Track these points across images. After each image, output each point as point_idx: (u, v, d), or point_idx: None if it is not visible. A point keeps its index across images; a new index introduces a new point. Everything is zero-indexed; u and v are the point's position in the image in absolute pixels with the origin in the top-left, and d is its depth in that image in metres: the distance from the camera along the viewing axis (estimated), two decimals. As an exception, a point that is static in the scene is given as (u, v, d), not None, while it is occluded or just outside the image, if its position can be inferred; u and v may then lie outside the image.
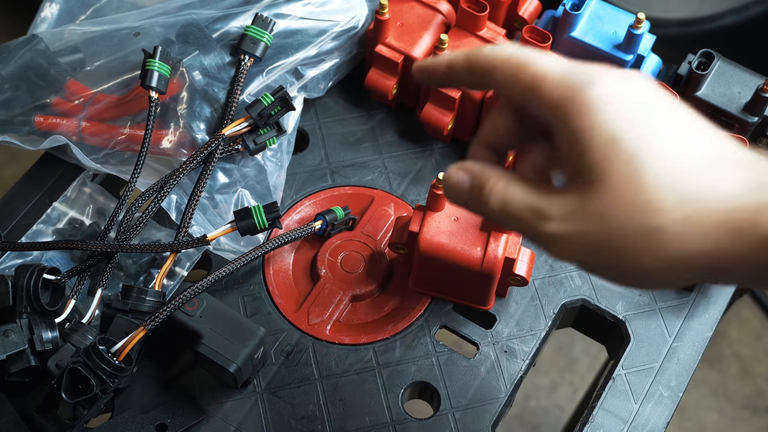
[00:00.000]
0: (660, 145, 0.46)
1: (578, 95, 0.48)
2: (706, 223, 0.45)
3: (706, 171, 0.46)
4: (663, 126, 0.47)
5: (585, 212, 0.48)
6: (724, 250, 0.46)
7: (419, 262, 0.74)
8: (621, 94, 0.48)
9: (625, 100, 0.47)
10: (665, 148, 0.46)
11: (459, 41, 0.84)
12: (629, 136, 0.46)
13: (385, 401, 0.74)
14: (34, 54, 0.81)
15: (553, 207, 0.49)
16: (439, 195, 0.72)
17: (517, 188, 0.51)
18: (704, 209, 0.45)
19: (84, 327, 0.71)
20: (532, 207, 0.50)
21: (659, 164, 0.46)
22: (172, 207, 0.78)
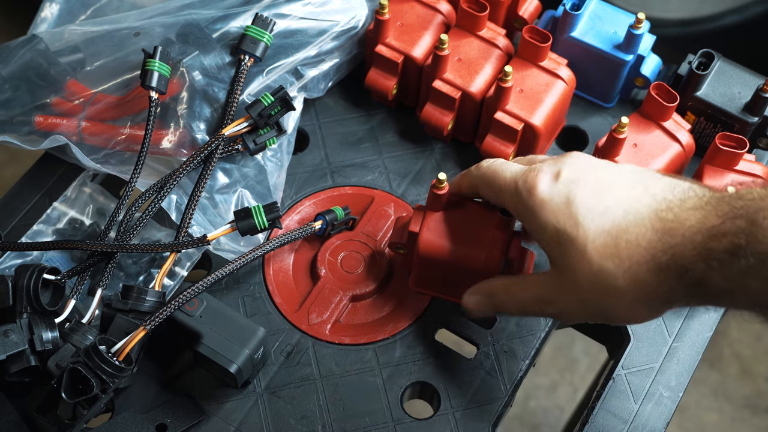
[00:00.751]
0: (588, 226, 0.60)
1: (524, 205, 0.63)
2: (640, 273, 0.58)
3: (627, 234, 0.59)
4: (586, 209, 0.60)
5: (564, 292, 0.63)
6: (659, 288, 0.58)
7: (419, 262, 0.74)
8: (552, 196, 0.62)
9: (556, 199, 0.62)
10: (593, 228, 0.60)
11: (459, 41, 0.84)
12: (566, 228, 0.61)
13: (385, 401, 0.74)
14: (34, 54, 0.81)
15: (545, 295, 0.64)
16: (439, 195, 0.72)
17: (519, 289, 0.67)
18: (635, 264, 0.58)
19: (84, 327, 0.71)
20: (535, 301, 0.66)
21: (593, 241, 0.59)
22: (172, 207, 0.78)
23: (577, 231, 0.60)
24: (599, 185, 0.62)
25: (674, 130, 0.79)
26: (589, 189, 0.61)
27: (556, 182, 0.62)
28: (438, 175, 0.71)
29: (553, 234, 0.61)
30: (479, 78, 0.82)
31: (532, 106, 0.80)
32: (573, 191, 0.61)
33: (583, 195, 0.61)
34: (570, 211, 0.61)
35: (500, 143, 0.81)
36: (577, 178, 0.62)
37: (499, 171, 0.66)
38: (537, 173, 0.63)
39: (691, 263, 0.56)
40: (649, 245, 0.58)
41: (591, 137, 0.88)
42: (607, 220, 0.60)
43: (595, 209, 0.60)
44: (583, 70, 0.85)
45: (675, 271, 0.57)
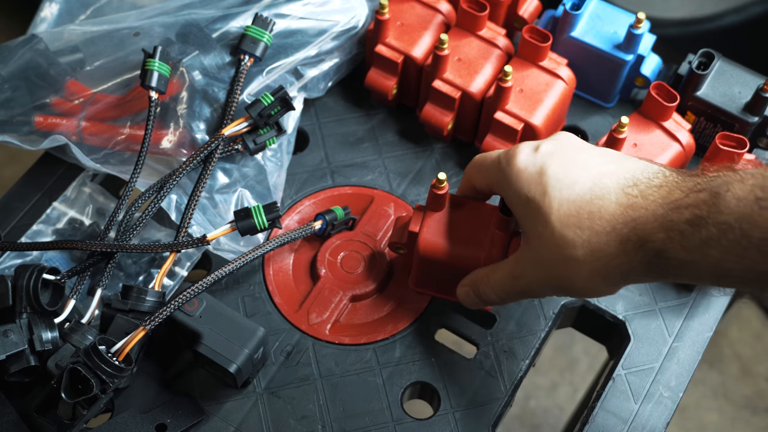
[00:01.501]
0: (555, 195, 0.62)
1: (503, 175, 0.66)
2: (598, 244, 0.60)
3: (591, 205, 0.61)
4: (555, 179, 0.63)
5: (530, 262, 0.65)
6: (617, 259, 0.60)
7: (419, 262, 0.74)
8: (528, 165, 0.64)
9: (530, 169, 0.64)
10: (559, 197, 0.62)
11: (459, 41, 0.84)
12: (535, 195, 0.63)
13: (385, 401, 0.74)
14: (34, 54, 0.81)
15: (516, 269, 0.67)
16: (439, 195, 0.72)
17: (496, 273, 0.69)
18: (595, 234, 0.60)
19: (84, 327, 0.71)
20: (509, 277, 0.67)
21: (557, 210, 0.62)
22: (172, 207, 0.78)
23: (544, 199, 0.62)
24: (574, 160, 0.64)
25: (674, 129, 0.79)
26: (562, 162, 0.63)
27: (534, 153, 0.65)
28: (438, 175, 0.71)
29: (524, 202, 0.64)
30: (479, 78, 0.82)
31: (532, 106, 0.80)
32: (547, 162, 0.64)
33: (556, 167, 0.63)
34: (541, 180, 0.63)
35: (500, 143, 0.81)
36: (555, 152, 0.64)
37: (487, 154, 0.70)
38: (518, 146, 0.66)
39: (651, 234, 0.58)
40: (611, 217, 0.60)
41: (591, 137, 0.88)
42: (574, 191, 0.62)
43: (564, 180, 0.62)
44: (583, 70, 0.85)
45: (634, 242, 0.59)
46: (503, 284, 0.68)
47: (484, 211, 0.73)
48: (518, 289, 0.68)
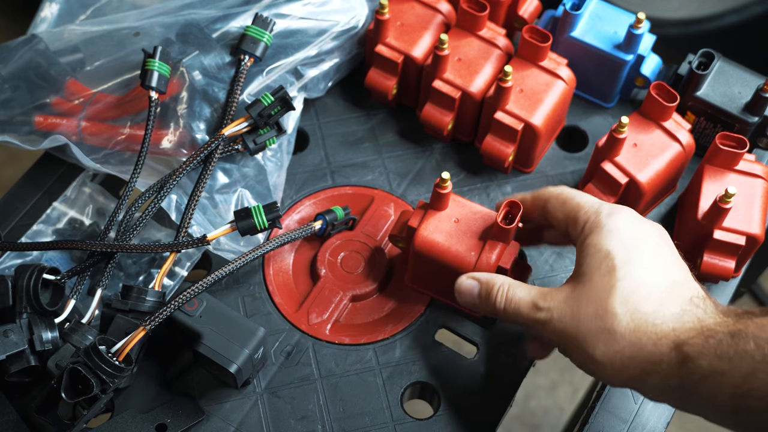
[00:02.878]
0: (634, 270, 0.62)
1: (600, 223, 0.65)
2: (642, 337, 0.60)
3: (657, 301, 0.61)
4: (642, 258, 0.63)
5: (566, 303, 0.64)
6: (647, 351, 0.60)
7: (414, 257, 0.74)
8: (627, 228, 0.65)
9: (628, 232, 0.64)
10: (636, 274, 0.62)
11: (459, 41, 0.84)
12: (618, 257, 0.63)
13: (385, 401, 0.74)
14: (34, 54, 0.81)
15: (546, 300, 0.65)
16: (442, 194, 0.72)
17: (519, 289, 0.67)
18: (645, 327, 0.60)
19: (84, 327, 0.71)
20: (531, 302, 0.66)
21: (628, 284, 0.62)
22: (172, 207, 0.78)
23: (624, 268, 0.62)
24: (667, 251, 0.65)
25: (674, 129, 0.79)
26: (658, 247, 0.65)
27: (638, 222, 0.66)
28: (442, 174, 0.71)
29: (603, 253, 0.64)
30: (479, 78, 0.82)
31: (532, 106, 0.80)
32: (647, 239, 0.65)
33: (652, 247, 0.64)
34: (631, 251, 0.63)
35: (500, 143, 0.81)
36: (654, 235, 0.65)
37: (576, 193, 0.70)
38: (622, 207, 0.67)
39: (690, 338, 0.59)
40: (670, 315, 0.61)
41: (591, 137, 0.88)
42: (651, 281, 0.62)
43: (649, 267, 0.63)
44: (583, 70, 0.85)
45: (672, 341, 0.59)
46: (520, 304, 0.67)
47: (483, 216, 0.73)
48: (531, 318, 0.66)
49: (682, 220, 0.81)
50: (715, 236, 0.75)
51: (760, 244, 0.76)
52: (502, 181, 0.85)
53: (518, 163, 0.85)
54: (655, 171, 0.78)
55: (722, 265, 0.76)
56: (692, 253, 0.79)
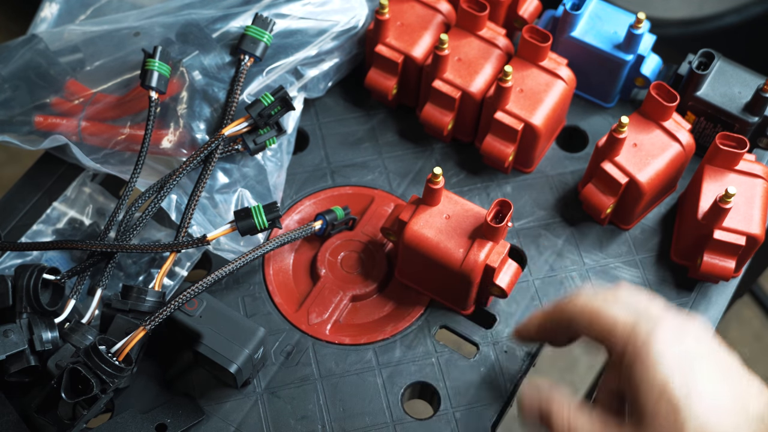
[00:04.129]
0: (698, 405, 0.57)
1: (640, 351, 0.59)
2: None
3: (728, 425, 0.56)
4: (703, 386, 0.57)
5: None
6: None
7: (403, 251, 0.75)
8: (674, 349, 0.59)
9: (677, 356, 0.58)
10: (702, 409, 0.57)
11: (459, 41, 0.84)
12: (676, 392, 0.57)
13: (385, 401, 0.74)
14: (34, 54, 0.81)
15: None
16: (434, 189, 0.73)
17: (581, 417, 0.61)
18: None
19: (84, 327, 0.71)
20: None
21: (696, 422, 0.56)
22: (172, 207, 0.78)
23: (687, 403, 0.57)
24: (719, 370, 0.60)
25: (674, 129, 0.79)
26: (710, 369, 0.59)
27: (680, 342, 0.60)
28: (434, 169, 0.71)
29: (656, 392, 0.58)
30: (479, 78, 0.82)
31: (532, 106, 0.80)
32: (695, 363, 0.59)
33: (705, 373, 0.59)
34: (686, 380, 0.58)
35: (500, 143, 0.81)
36: (701, 352, 0.60)
37: (605, 308, 0.63)
38: (659, 321, 0.61)
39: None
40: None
41: (591, 137, 0.88)
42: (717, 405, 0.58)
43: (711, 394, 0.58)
44: (583, 70, 0.85)
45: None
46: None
47: (475, 214, 0.74)
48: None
49: (682, 220, 0.81)
50: (715, 236, 0.75)
51: (760, 244, 0.76)
52: (502, 181, 0.85)
53: (518, 163, 0.85)
54: (655, 171, 0.78)
55: (722, 265, 0.76)
56: (692, 253, 0.79)
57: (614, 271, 0.80)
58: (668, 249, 0.81)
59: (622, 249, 0.82)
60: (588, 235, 0.82)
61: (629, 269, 0.80)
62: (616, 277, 0.80)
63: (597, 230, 0.83)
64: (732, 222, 0.75)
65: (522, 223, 0.82)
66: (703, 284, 0.80)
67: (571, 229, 0.82)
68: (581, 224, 0.83)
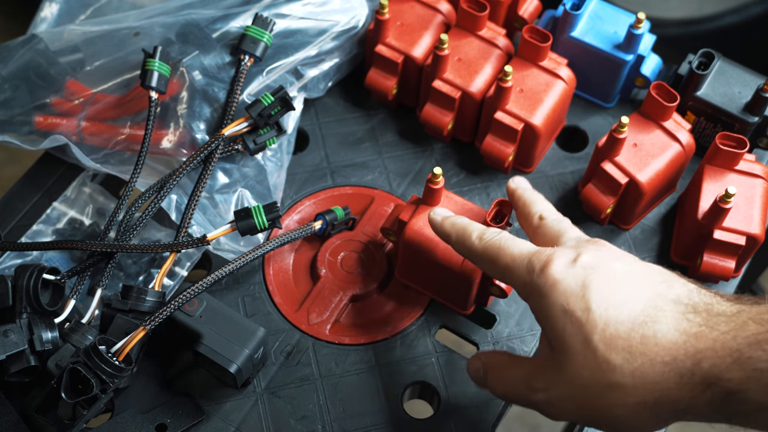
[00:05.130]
0: (600, 313, 0.56)
1: (534, 283, 0.59)
2: (653, 373, 0.54)
3: (644, 328, 0.55)
4: (601, 297, 0.57)
5: (559, 379, 0.58)
6: (674, 394, 0.54)
7: (403, 251, 0.75)
8: (566, 277, 0.58)
9: (569, 281, 0.58)
10: (605, 315, 0.56)
11: (459, 41, 0.84)
12: (576, 309, 0.57)
13: (385, 401, 0.74)
14: (34, 54, 0.81)
15: (538, 379, 0.60)
16: (434, 189, 0.73)
17: (512, 369, 0.63)
18: (648, 362, 0.54)
19: (84, 327, 0.71)
20: (525, 382, 0.61)
21: (602, 330, 0.56)
22: (172, 207, 0.78)
23: (587, 315, 0.56)
24: (620, 276, 0.59)
25: (674, 129, 0.79)
26: (608, 277, 0.58)
27: (574, 264, 0.59)
28: (434, 169, 0.71)
29: (559, 315, 0.58)
30: (479, 78, 0.82)
31: (532, 106, 0.80)
32: (590, 276, 0.58)
33: (601, 282, 0.58)
34: (583, 294, 0.57)
35: (500, 143, 0.81)
36: (597, 266, 0.59)
37: (504, 246, 0.63)
38: (553, 252, 0.60)
39: (724, 372, 0.53)
40: (670, 345, 0.54)
41: (591, 137, 0.88)
42: (623, 311, 0.56)
43: (611, 298, 0.57)
44: (583, 70, 0.85)
45: (700, 378, 0.53)
46: (515, 387, 0.62)
47: (475, 213, 0.74)
48: (530, 400, 0.61)
49: (682, 220, 0.81)
50: (715, 236, 0.75)
51: (760, 244, 0.76)
52: (502, 181, 0.85)
53: (518, 163, 0.85)
54: (655, 171, 0.78)
55: (722, 265, 0.76)
56: (692, 253, 0.79)
57: (614, 271, 0.80)
58: (668, 249, 0.81)
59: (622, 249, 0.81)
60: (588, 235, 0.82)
61: (629, 269, 0.80)
62: (616, 277, 0.80)
63: (597, 230, 0.83)
64: (732, 222, 0.75)
65: (522, 223, 0.83)
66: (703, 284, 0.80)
67: (571, 229, 0.82)
68: (581, 224, 0.82)
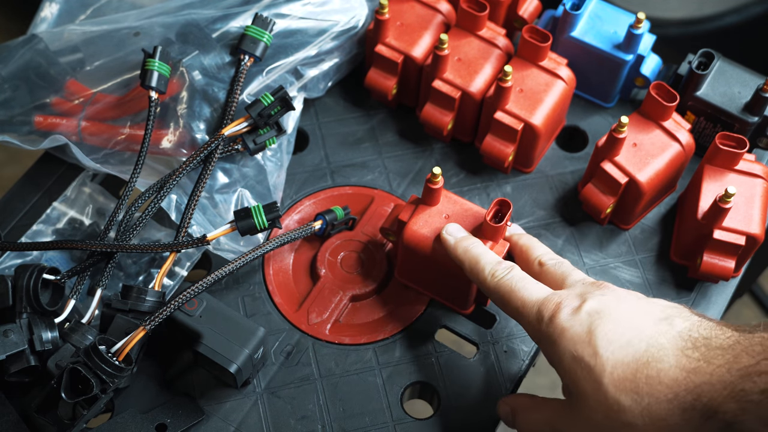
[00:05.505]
0: (607, 357, 0.59)
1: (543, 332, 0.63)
2: (659, 411, 0.57)
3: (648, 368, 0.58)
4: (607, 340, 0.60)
5: (577, 421, 0.62)
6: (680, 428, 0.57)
7: (403, 251, 0.75)
8: (573, 325, 0.61)
9: (576, 329, 0.61)
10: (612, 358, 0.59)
11: (459, 41, 0.84)
12: (585, 355, 0.60)
13: (385, 401, 0.74)
14: (34, 54, 0.81)
15: (559, 421, 0.64)
16: (433, 189, 0.73)
17: (535, 413, 0.67)
18: (654, 401, 0.57)
19: (84, 327, 0.71)
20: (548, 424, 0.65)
21: (611, 373, 0.59)
22: (172, 207, 0.78)
23: (595, 360, 0.59)
24: (623, 318, 0.61)
25: (674, 129, 0.79)
26: (612, 321, 0.61)
27: (578, 312, 0.62)
28: (433, 169, 0.71)
29: (570, 362, 0.61)
30: (479, 78, 0.82)
31: (532, 105, 0.80)
32: (595, 322, 0.61)
33: (605, 326, 0.60)
34: (589, 340, 0.60)
35: (500, 143, 0.81)
36: (601, 310, 0.61)
37: (515, 290, 0.66)
38: (560, 301, 0.63)
39: (721, 404, 0.55)
40: (672, 383, 0.57)
41: (591, 137, 0.88)
42: (628, 352, 0.59)
43: (616, 341, 0.59)
44: (583, 70, 0.85)
45: (701, 412, 0.56)
46: (541, 428, 0.66)
47: (474, 213, 0.74)
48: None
49: (682, 220, 0.81)
50: (715, 236, 0.75)
51: (760, 244, 0.76)
52: (502, 181, 0.85)
53: (518, 163, 0.85)
54: (655, 171, 0.78)
55: (722, 265, 0.76)
56: (692, 253, 0.79)
57: (614, 271, 0.80)
58: (668, 249, 0.81)
59: (622, 249, 0.82)
60: (588, 235, 0.82)
61: (629, 269, 0.80)
62: (616, 277, 0.80)
63: (597, 230, 0.83)
64: (732, 222, 0.75)
65: (522, 223, 0.82)
66: (702, 284, 0.80)
67: (571, 229, 0.82)
68: (581, 224, 0.83)
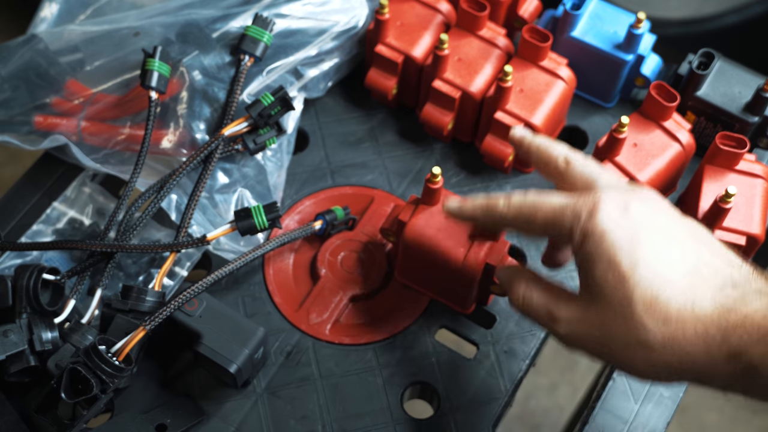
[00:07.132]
0: (645, 273, 0.57)
1: (585, 228, 0.59)
2: (683, 341, 0.56)
3: (684, 296, 0.56)
4: (650, 255, 0.57)
5: (587, 320, 0.59)
6: (699, 362, 0.56)
7: (403, 251, 0.75)
8: (618, 228, 0.58)
9: (620, 233, 0.58)
10: (650, 277, 0.57)
11: (459, 41, 0.84)
12: (622, 263, 0.57)
13: (385, 401, 0.74)
14: (34, 54, 0.81)
15: (561, 311, 0.61)
16: (433, 189, 0.73)
17: (535, 290, 0.63)
18: (681, 329, 0.56)
19: (84, 327, 0.71)
20: (546, 308, 0.62)
21: (644, 291, 0.57)
22: (172, 207, 0.78)
23: (633, 272, 0.57)
24: (670, 234, 0.59)
25: (674, 129, 0.79)
26: (659, 235, 0.58)
27: (624, 214, 0.59)
28: (432, 169, 0.71)
29: (603, 266, 0.58)
30: (479, 78, 0.82)
31: (532, 105, 0.80)
32: (640, 231, 0.58)
33: (653, 240, 0.58)
34: (632, 250, 0.57)
35: (500, 143, 0.81)
36: (649, 219, 0.59)
37: (540, 202, 0.62)
38: (599, 198, 0.60)
39: (750, 347, 0.54)
40: (705, 317, 0.56)
41: (591, 137, 0.88)
42: (667, 277, 0.57)
43: (660, 258, 0.57)
44: (583, 70, 0.85)
45: (728, 351, 0.55)
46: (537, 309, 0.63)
47: None
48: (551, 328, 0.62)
49: (682, 220, 0.81)
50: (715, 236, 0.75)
51: (760, 244, 0.76)
52: (502, 181, 0.85)
53: (518, 163, 0.85)
54: (655, 171, 0.78)
55: (722, 265, 0.76)
56: (692, 253, 0.79)
57: (614, 271, 0.80)
58: (668, 249, 0.81)
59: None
60: (588, 235, 0.82)
61: (629, 269, 0.80)
62: (616, 277, 0.80)
63: (597, 230, 0.82)
64: (732, 222, 0.75)
65: (522, 223, 0.82)
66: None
67: (571, 229, 0.82)
68: (581, 224, 0.83)
